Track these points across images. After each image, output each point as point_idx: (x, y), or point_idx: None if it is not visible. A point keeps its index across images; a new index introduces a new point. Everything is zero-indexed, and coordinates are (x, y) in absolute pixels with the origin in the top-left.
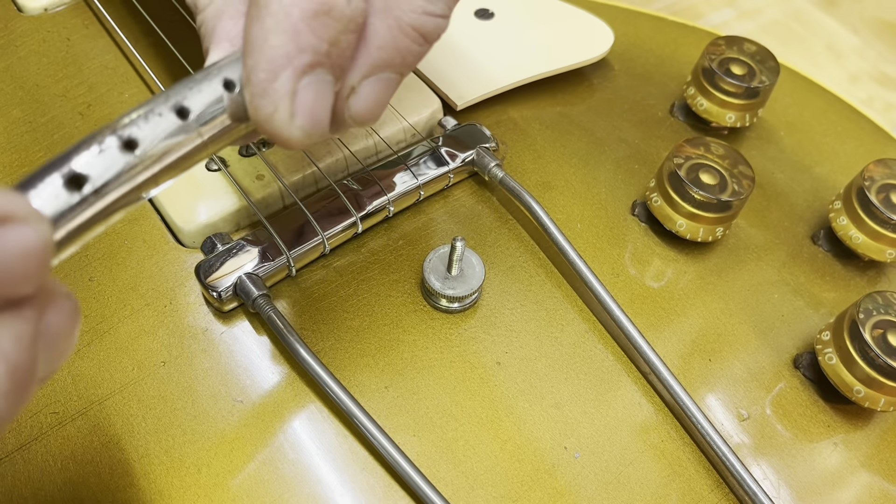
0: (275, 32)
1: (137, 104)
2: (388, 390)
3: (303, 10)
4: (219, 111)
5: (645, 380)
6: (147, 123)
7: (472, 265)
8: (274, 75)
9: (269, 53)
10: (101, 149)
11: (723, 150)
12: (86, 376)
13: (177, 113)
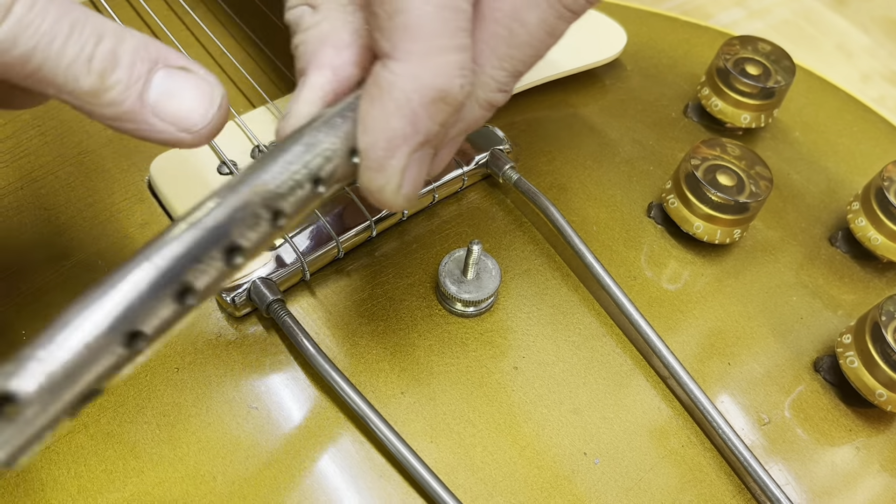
0: (396, 116)
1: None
2: (405, 396)
3: (423, 96)
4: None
5: (664, 384)
6: (293, 196)
7: (488, 269)
8: (391, 154)
9: (389, 134)
10: (255, 223)
11: (739, 151)
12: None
13: (312, 183)
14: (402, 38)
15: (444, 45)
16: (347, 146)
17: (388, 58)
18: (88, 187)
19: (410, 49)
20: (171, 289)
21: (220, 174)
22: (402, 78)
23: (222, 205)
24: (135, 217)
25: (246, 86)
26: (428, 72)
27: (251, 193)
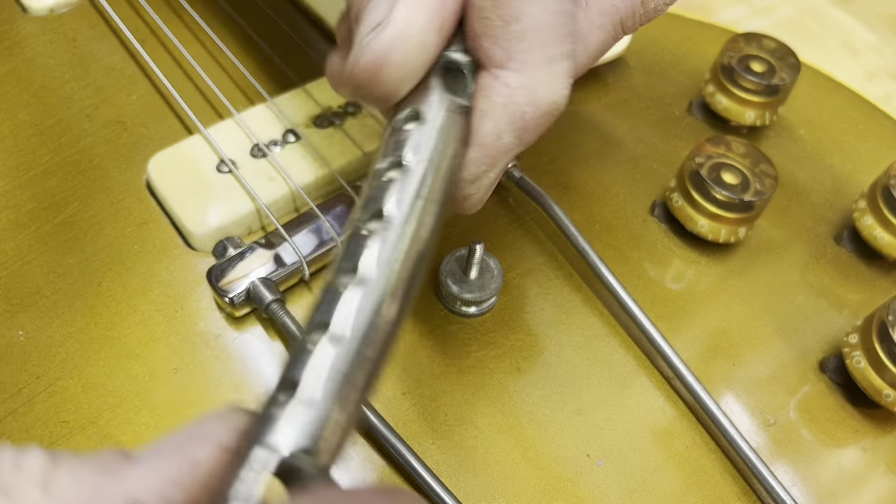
0: (508, 131)
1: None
2: (406, 397)
3: (537, 109)
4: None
5: (668, 384)
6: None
7: (490, 268)
8: (492, 167)
9: (498, 150)
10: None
11: (744, 149)
12: (96, 384)
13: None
14: (518, 46)
15: (557, 53)
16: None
17: (500, 67)
18: (86, 186)
19: (527, 59)
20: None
21: (219, 172)
22: (519, 91)
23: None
24: (133, 216)
25: (245, 83)
26: (544, 84)
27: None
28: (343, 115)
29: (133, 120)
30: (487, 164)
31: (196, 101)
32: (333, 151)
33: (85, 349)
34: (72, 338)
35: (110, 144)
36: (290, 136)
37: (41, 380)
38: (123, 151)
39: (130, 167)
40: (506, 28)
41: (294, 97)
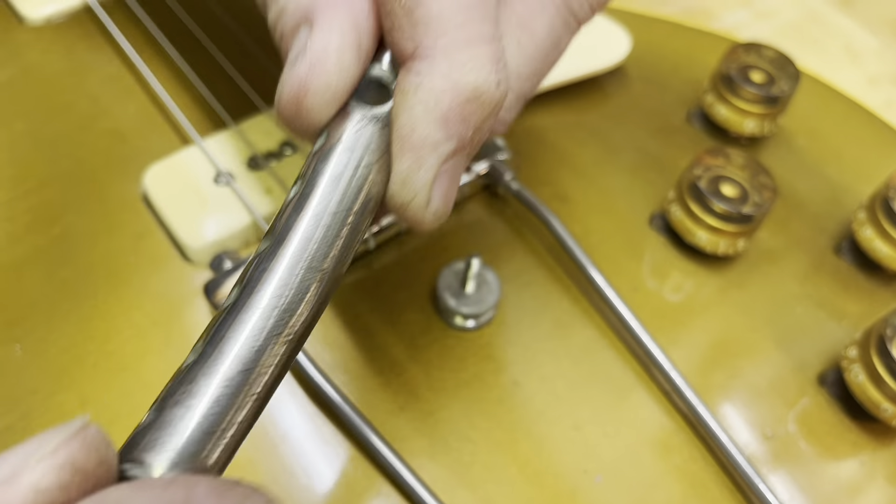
0: (424, 122)
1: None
2: (403, 412)
3: (455, 95)
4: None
5: (666, 398)
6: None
7: (487, 281)
8: (418, 165)
9: (416, 143)
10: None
11: (743, 161)
12: (93, 399)
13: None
14: (425, 32)
15: (472, 35)
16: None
17: (411, 59)
18: (82, 198)
19: (436, 44)
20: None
21: (215, 184)
22: (430, 77)
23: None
24: (129, 229)
25: (242, 94)
26: (458, 67)
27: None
28: None
29: (130, 131)
30: (411, 161)
31: (193, 112)
32: None
33: (81, 363)
34: (67, 352)
35: (107, 156)
36: (286, 149)
37: (37, 394)
38: (120, 163)
39: (127, 179)
40: (409, 16)
41: None
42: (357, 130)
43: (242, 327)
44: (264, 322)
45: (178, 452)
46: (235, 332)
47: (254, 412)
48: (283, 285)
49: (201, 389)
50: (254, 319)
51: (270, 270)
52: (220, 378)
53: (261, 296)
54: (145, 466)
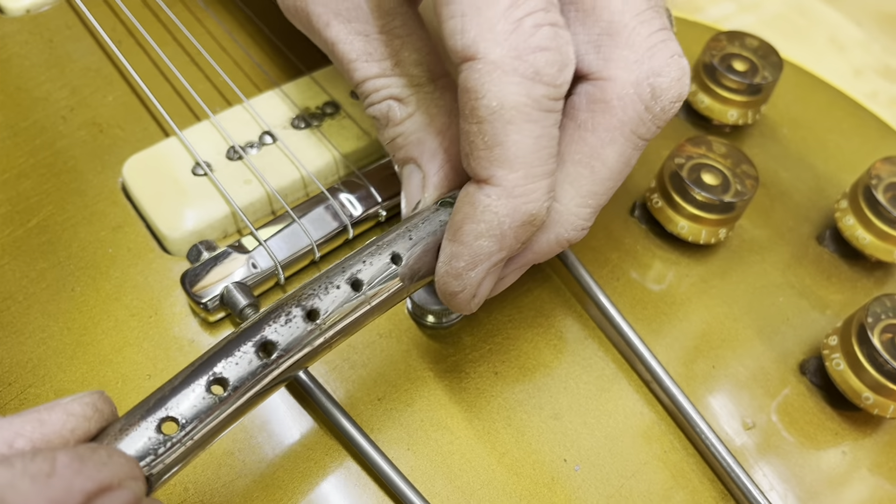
0: (486, 237)
1: (317, 277)
2: (381, 402)
3: (514, 220)
4: (387, 279)
5: (647, 388)
6: (327, 295)
7: None
8: (473, 266)
9: (476, 250)
10: (287, 319)
11: (725, 150)
12: (69, 391)
13: (351, 285)
14: (500, 167)
15: (538, 172)
16: (389, 252)
17: (485, 182)
18: (61, 189)
19: (508, 178)
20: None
21: (194, 175)
22: (497, 203)
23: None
24: (108, 220)
25: (221, 84)
26: (522, 199)
27: (288, 297)
28: (321, 116)
29: (109, 122)
30: (467, 262)
31: (172, 103)
32: (310, 154)
33: (58, 355)
34: (44, 344)
35: (85, 147)
36: (266, 138)
37: (12, 387)
38: (99, 154)
39: (105, 170)
40: (489, 151)
41: (271, 98)
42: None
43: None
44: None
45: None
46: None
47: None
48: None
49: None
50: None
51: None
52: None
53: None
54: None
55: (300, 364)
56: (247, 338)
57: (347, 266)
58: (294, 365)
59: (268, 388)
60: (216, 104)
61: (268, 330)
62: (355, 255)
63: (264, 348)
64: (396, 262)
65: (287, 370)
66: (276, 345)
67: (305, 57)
